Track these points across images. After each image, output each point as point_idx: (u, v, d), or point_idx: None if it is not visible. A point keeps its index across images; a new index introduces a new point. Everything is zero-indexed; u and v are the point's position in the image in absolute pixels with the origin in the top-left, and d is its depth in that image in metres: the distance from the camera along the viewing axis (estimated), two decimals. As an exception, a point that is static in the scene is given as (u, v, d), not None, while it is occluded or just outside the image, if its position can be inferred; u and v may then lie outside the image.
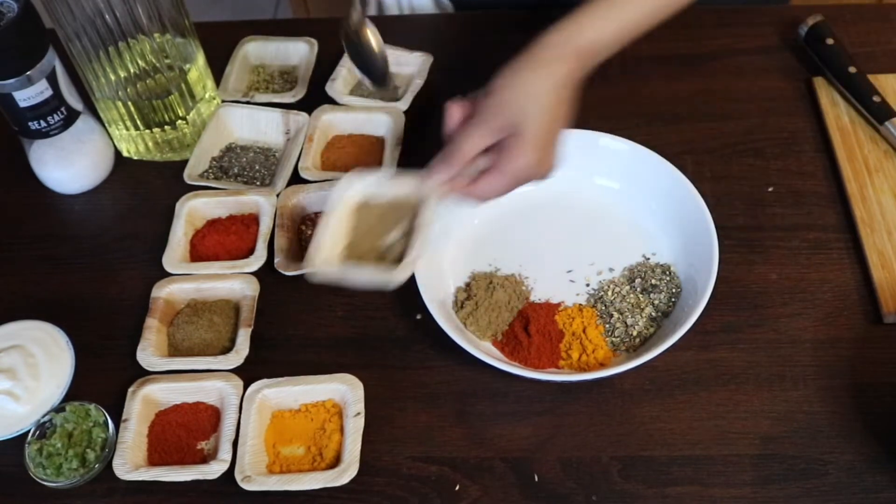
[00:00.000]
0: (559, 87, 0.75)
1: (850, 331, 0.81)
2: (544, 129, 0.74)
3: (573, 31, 0.76)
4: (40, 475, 0.75)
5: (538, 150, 0.74)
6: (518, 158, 0.74)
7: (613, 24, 0.78)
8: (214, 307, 0.85)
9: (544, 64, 0.75)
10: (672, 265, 0.85)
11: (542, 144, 0.75)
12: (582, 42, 0.76)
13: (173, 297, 0.86)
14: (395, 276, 0.74)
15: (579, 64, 0.76)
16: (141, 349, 0.82)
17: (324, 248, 0.77)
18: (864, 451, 0.74)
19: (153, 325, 0.83)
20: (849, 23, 1.05)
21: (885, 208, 0.88)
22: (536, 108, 0.74)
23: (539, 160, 0.75)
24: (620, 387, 0.79)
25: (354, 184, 0.80)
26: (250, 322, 0.83)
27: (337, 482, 0.73)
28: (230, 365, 0.81)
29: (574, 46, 0.76)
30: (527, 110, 0.74)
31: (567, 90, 0.75)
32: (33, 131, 0.90)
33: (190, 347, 0.83)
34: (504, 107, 0.74)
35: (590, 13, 0.77)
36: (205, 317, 0.84)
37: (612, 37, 0.78)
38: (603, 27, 0.77)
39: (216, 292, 0.86)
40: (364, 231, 0.80)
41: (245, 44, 1.07)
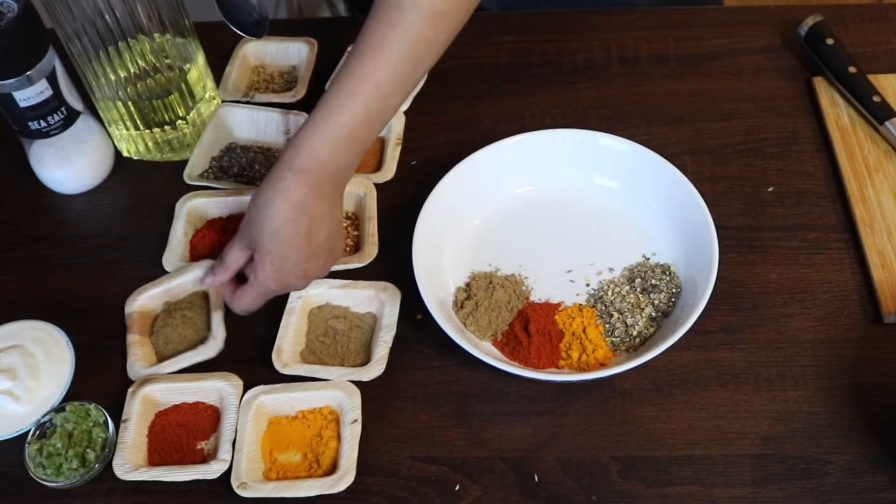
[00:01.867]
0: (295, 208, 0.75)
1: (850, 331, 0.81)
2: (279, 246, 0.76)
3: (305, 149, 0.76)
4: (40, 475, 0.75)
5: (276, 266, 0.77)
6: (260, 272, 0.78)
7: (341, 129, 0.75)
8: (184, 303, 0.86)
9: (282, 185, 0.75)
10: (672, 265, 0.85)
11: (279, 261, 0.77)
12: (302, 160, 0.75)
13: (145, 307, 0.86)
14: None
15: (313, 178, 0.76)
16: (129, 365, 0.82)
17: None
18: (864, 451, 0.74)
19: (135, 340, 0.83)
20: (849, 23, 1.05)
21: (885, 208, 0.88)
22: (270, 228, 0.76)
23: (279, 276, 0.78)
24: (620, 387, 0.79)
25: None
26: (219, 305, 0.83)
27: (333, 489, 0.73)
28: (211, 353, 0.81)
29: (297, 167, 0.75)
30: (262, 228, 0.76)
31: (306, 210, 0.76)
32: (33, 131, 0.90)
33: (174, 349, 0.83)
34: (248, 224, 0.78)
35: (320, 124, 0.76)
36: (177, 315, 0.84)
37: (332, 142, 0.76)
38: (320, 136, 0.75)
39: (185, 288, 0.86)
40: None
41: (245, 44, 1.07)
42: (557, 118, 0.98)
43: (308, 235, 0.77)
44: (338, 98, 0.76)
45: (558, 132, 0.90)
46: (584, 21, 1.08)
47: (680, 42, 1.05)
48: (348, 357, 0.82)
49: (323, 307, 0.85)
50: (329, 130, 0.76)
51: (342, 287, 0.85)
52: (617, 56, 1.05)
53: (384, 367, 0.80)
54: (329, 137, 0.76)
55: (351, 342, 0.83)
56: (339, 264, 0.86)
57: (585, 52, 1.05)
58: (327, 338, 0.83)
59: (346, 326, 0.84)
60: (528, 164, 0.90)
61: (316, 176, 0.76)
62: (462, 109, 0.99)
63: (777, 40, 1.04)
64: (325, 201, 0.77)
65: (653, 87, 1.01)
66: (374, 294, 0.84)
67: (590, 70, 1.03)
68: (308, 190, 0.75)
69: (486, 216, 0.90)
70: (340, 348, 0.83)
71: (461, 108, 0.99)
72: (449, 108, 1.00)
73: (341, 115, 0.75)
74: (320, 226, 0.77)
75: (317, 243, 0.78)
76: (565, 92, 1.01)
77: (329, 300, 0.85)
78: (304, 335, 0.84)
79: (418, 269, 0.81)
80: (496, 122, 0.98)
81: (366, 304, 0.85)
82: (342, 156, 0.77)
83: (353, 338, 0.83)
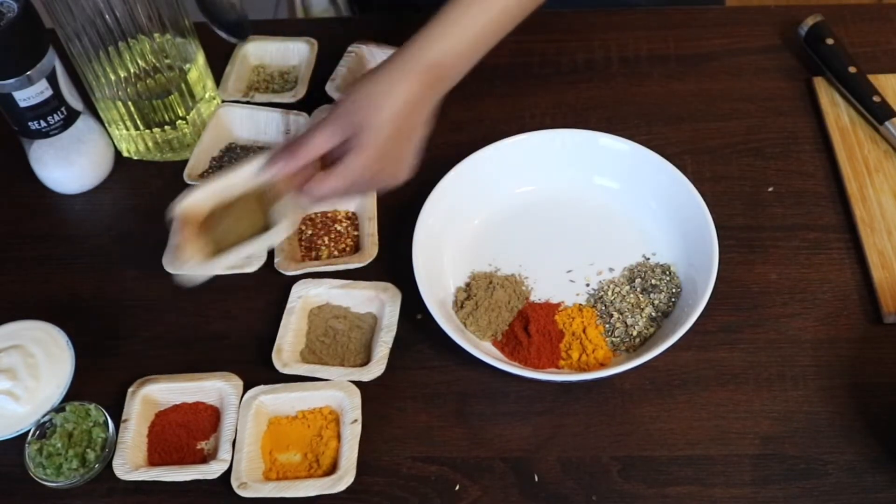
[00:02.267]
0: (407, 102, 0.75)
1: (850, 331, 0.81)
2: (385, 138, 0.75)
3: (423, 46, 0.76)
4: (40, 475, 0.75)
5: (377, 157, 0.76)
6: (354, 161, 0.75)
7: (465, 32, 0.77)
8: (239, 200, 0.81)
9: (396, 77, 0.75)
10: (672, 265, 0.85)
11: (381, 153, 0.76)
12: (432, 56, 0.76)
13: (195, 206, 0.80)
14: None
15: (431, 79, 0.76)
16: (182, 264, 0.78)
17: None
18: (864, 451, 0.74)
19: (186, 239, 0.78)
20: (849, 23, 1.05)
21: (885, 208, 0.88)
22: (380, 117, 0.75)
23: (377, 168, 0.77)
24: (620, 387, 0.79)
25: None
26: (286, 192, 0.78)
27: (333, 489, 0.73)
28: (278, 237, 0.78)
29: (425, 62, 0.76)
30: (371, 117, 0.75)
31: (417, 105, 0.76)
32: (33, 131, 0.90)
33: (234, 241, 0.79)
34: (351, 111, 0.76)
35: (440, 26, 0.77)
36: (236, 208, 0.80)
37: (464, 47, 0.77)
38: (453, 39, 0.77)
39: (239, 183, 0.80)
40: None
41: (245, 44, 1.07)
42: (557, 118, 0.98)
43: (408, 137, 0.77)
44: (468, 11, 0.77)
45: (558, 132, 0.90)
46: (584, 21, 1.08)
47: (680, 42, 1.05)
48: (348, 357, 0.82)
49: (323, 307, 0.85)
50: (458, 38, 0.76)
51: (342, 287, 0.85)
52: (617, 56, 1.05)
53: (384, 367, 0.80)
54: (458, 44, 0.77)
55: (351, 342, 0.83)
56: (339, 264, 0.87)
57: (585, 52, 1.05)
58: (327, 338, 0.83)
59: (347, 326, 0.84)
60: (528, 164, 0.90)
61: (436, 79, 0.76)
62: (462, 109, 0.99)
63: (777, 40, 1.04)
64: (428, 109, 0.77)
65: (653, 87, 1.01)
66: (374, 294, 0.84)
67: (590, 70, 1.03)
68: (425, 91, 0.76)
69: (486, 216, 0.90)
70: (340, 348, 0.83)
71: (461, 108, 0.99)
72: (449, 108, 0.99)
73: (469, 28, 0.77)
74: (417, 132, 0.78)
75: (409, 148, 0.78)
76: (565, 92, 1.01)
77: (329, 300, 0.85)
78: (304, 335, 0.84)
79: (418, 269, 0.81)
80: (496, 122, 0.98)
81: (366, 304, 0.85)
82: (463, 66, 0.78)
83: (353, 338, 0.83)
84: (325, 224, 0.91)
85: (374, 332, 0.84)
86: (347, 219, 0.92)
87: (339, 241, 0.90)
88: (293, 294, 0.84)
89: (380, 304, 0.84)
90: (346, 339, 0.83)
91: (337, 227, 0.91)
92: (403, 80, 0.75)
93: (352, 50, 1.04)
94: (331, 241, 0.90)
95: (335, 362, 0.82)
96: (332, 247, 0.90)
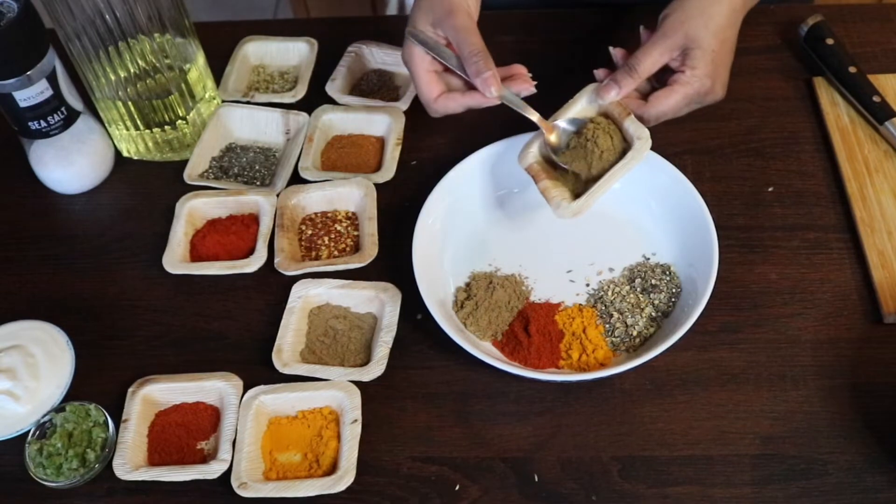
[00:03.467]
0: (731, 11, 0.80)
1: (850, 331, 0.81)
2: (717, 47, 0.79)
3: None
4: (40, 475, 0.75)
5: (713, 65, 0.79)
6: (695, 70, 0.79)
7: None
8: (590, 129, 0.82)
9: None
10: (672, 265, 0.85)
11: (716, 62, 0.79)
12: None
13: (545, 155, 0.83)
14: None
15: (743, 4, 0.81)
16: (556, 205, 0.80)
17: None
18: (864, 451, 0.74)
19: (548, 185, 0.81)
20: (849, 23, 1.05)
21: (885, 208, 0.88)
22: (711, 27, 0.79)
23: (713, 77, 0.80)
24: (620, 387, 0.79)
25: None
26: (627, 113, 0.81)
27: (333, 489, 0.73)
28: (642, 154, 0.79)
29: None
30: (707, 24, 0.78)
31: (737, 14, 0.81)
32: (33, 131, 0.90)
33: (603, 166, 0.81)
34: (681, 26, 0.79)
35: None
36: (596, 134, 0.81)
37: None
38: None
39: (582, 113, 0.84)
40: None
41: (245, 44, 1.07)
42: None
43: (729, 52, 0.81)
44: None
45: (558, 132, 0.90)
46: (584, 21, 1.08)
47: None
48: (348, 357, 0.82)
49: (323, 307, 0.85)
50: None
51: (342, 287, 0.85)
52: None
53: (384, 368, 0.80)
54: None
55: (351, 342, 0.83)
56: (339, 264, 0.87)
57: (585, 52, 1.05)
58: (327, 338, 0.83)
59: (347, 326, 0.84)
60: (529, 164, 0.90)
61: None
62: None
63: (777, 40, 1.04)
64: (739, 24, 0.82)
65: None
66: (374, 294, 0.84)
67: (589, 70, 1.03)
68: (739, 3, 0.80)
69: (486, 216, 0.90)
70: (340, 348, 0.83)
71: (461, 108, 0.99)
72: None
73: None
74: (733, 47, 0.82)
75: (728, 64, 0.81)
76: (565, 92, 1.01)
77: (329, 300, 0.85)
78: (304, 335, 0.84)
79: (418, 269, 0.81)
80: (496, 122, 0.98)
81: (366, 304, 0.85)
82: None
83: (353, 338, 0.83)
84: (325, 224, 0.91)
85: (374, 332, 0.84)
86: (347, 219, 0.92)
87: (339, 241, 0.90)
88: (293, 294, 0.84)
89: (380, 304, 0.84)
90: (346, 339, 0.83)
91: (337, 227, 0.91)
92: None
93: (352, 50, 1.04)
94: (331, 241, 0.90)
95: (335, 362, 0.82)
96: (332, 247, 0.90)
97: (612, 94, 0.81)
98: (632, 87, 0.80)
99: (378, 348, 0.81)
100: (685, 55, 0.79)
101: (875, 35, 1.04)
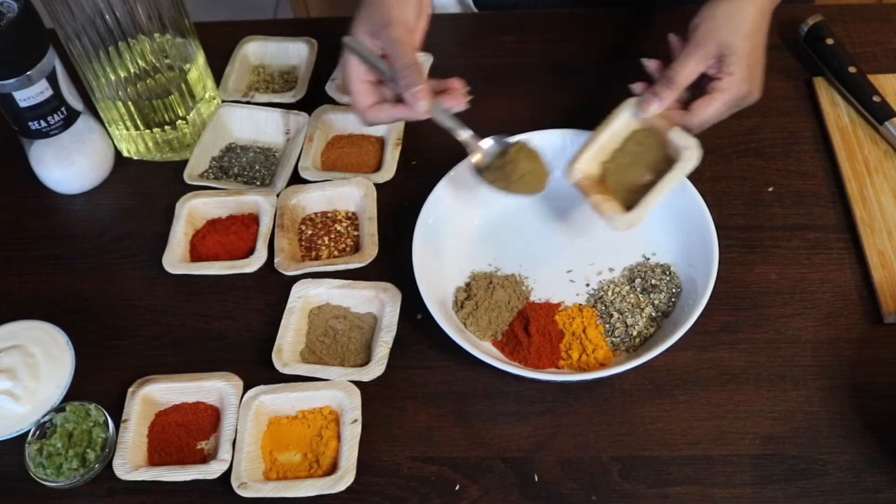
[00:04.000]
0: (759, 14, 0.81)
1: (850, 331, 0.81)
2: (751, 51, 0.81)
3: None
4: (40, 475, 0.75)
5: (749, 69, 0.81)
6: (733, 76, 0.80)
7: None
8: (625, 147, 0.84)
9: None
10: (672, 265, 0.85)
11: (751, 65, 0.81)
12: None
13: (587, 172, 0.84)
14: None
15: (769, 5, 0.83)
16: (609, 219, 0.81)
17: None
18: (864, 451, 0.74)
19: (598, 200, 0.81)
20: (849, 23, 1.05)
21: (885, 208, 0.88)
22: (742, 32, 0.80)
23: (750, 80, 0.81)
24: (620, 387, 0.79)
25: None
26: (669, 124, 0.82)
27: (333, 489, 0.73)
28: (691, 165, 0.80)
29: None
30: (734, 35, 0.80)
31: (764, 16, 0.82)
32: (33, 131, 0.90)
33: (634, 182, 0.82)
34: (713, 34, 0.80)
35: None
36: (628, 149, 0.84)
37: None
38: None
39: (618, 135, 0.84)
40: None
41: (245, 44, 1.07)
42: (557, 118, 0.98)
43: (760, 53, 0.83)
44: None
45: (558, 132, 0.90)
46: (584, 21, 1.08)
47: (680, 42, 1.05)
48: (348, 357, 0.82)
49: (323, 307, 0.85)
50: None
51: (342, 287, 0.85)
52: (617, 56, 1.04)
53: (384, 368, 0.80)
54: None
55: (351, 342, 0.83)
56: (339, 264, 0.87)
57: (585, 52, 1.05)
58: (327, 338, 0.83)
59: (347, 326, 0.84)
60: (529, 164, 0.90)
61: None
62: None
63: (777, 40, 1.04)
64: (768, 23, 0.83)
65: (653, 87, 1.01)
66: (374, 294, 0.84)
67: (590, 70, 1.03)
68: (766, 4, 0.82)
69: (486, 216, 0.90)
70: (340, 348, 0.83)
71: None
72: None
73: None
74: (764, 47, 0.83)
75: (761, 64, 0.83)
76: (565, 92, 1.01)
77: (329, 300, 0.85)
78: (304, 335, 0.84)
79: (418, 269, 0.81)
80: (496, 122, 0.98)
81: (366, 304, 0.85)
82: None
83: (353, 338, 0.83)
84: (325, 224, 0.91)
85: (374, 332, 0.84)
86: (347, 219, 0.92)
87: (339, 241, 0.90)
88: (293, 294, 0.84)
89: (380, 304, 0.84)
90: (346, 339, 0.83)
91: (337, 227, 0.91)
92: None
93: (352, 50, 1.04)
94: (331, 241, 0.90)
95: (335, 362, 0.82)
96: (332, 247, 0.90)
97: (654, 108, 0.82)
98: (672, 99, 0.81)
99: (378, 348, 0.81)
100: (721, 62, 0.80)
101: (875, 35, 1.04)
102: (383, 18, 0.80)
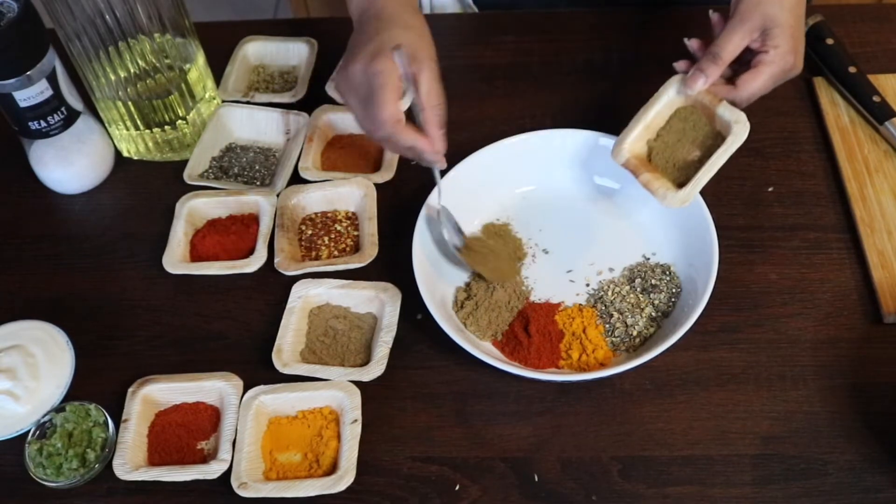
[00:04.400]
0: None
1: (850, 331, 0.81)
2: (794, 23, 0.81)
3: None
4: (40, 475, 0.75)
5: (793, 40, 0.81)
6: (778, 49, 0.80)
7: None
8: (671, 124, 0.85)
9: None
10: (672, 265, 0.85)
11: (795, 37, 0.81)
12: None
13: (635, 151, 0.84)
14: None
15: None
16: (662, 196, 0.81)
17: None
18: (864, 451, 0.74)
19: (648, 179, 0.82)
20: (849, 23, 1.05)
21: (885, 208, 0.88)
22: (786, 5, 0.80)
23: (794, 52, 0.81)
24: (620, 387, 0.79)
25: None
26: (718, 101, 0.82)
27: (333, 489, 0.73)
28: (740, 138, 0.81)
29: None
30: (777, 7, 0.80)
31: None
32: (33, 131, 0.90)
33: (684, 157, 0.83)
34: (757, 7, 0.80)
35: None
36: (679, 125, 0.84)
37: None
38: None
39: (663, 114, 0.85)
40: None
41: (245, 44, 1.07)
42: (557, 118, 0.98)
43: (801, 25, 0.83)
44: None
45: (558, 132, 0.90)
46: (584, 21, 1.08)
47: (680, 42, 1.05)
48: (348, 357, 0.82)
49: (323, 307, 0.85)
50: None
51: (342, 287, 0.85)
52: (617, 56, 1.05)
53: (384, 367, 0.80)
54: None
55: (351, 342, 0.83)
56: (339, 264, 0.87)
57: (585, 52, 1.05)
58: (327, 338, 0.83)
59: (347, 326, 0.84)
60: (528, 164, 0.90)
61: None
62: (462, 109, 0.99)
63: (777, 40, 1.04)
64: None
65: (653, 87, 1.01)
66: (374, 294, 0.84)
67: (589, 70, 1.03)
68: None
69: (487, 216, 0.90)
70: (340, 348, 0.83)
71: (461, 108, 0.99)
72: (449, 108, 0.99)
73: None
74: (804, 20, 0.84)
75: (802, 37, 0.83)
76: (565, 92, 1.01)
77: (329, 300, 0.85)
78: (304, 335, 0.84)
79: (418, 269, 0.81)
80: (496, 122, 0.98)
81: (366, 304, 0.85)
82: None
83: (353, 338, 0.83)
84: (325, 224, 0.91)
85: (374, 332, 0.84)
86: (347, 219, 0.92)
87: (339, 241, 0.90)
88: (293, 294, 0.84)
89: (380, 304, 0.84)
90: (346, 339, 0.83)
91: (337, 227, 0.91)
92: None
93: (352, 50, 1.04)
94: (331, 241, 0.90)
95: (335, 362, 0.82)
96: (332, 247, 0.90)
97: (700, 83, 0.82)
98: (717, 74, 0.81)
99: (378, 348, 0.81)
100: (765, 35, 0.80)
101: (875, 35, 1.04)
102: (428, 49, 0.81)
